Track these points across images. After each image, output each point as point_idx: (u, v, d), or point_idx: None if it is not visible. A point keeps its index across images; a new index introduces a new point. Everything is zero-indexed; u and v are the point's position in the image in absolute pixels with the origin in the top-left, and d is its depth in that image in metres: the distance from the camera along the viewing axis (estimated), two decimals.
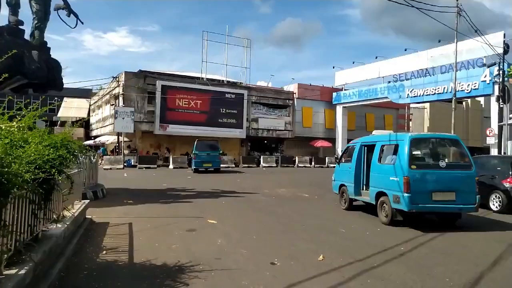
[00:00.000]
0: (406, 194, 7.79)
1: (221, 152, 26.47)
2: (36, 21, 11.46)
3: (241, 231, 7.57)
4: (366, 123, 43.78)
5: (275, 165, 33.66)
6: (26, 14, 11.40)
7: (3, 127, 3.16)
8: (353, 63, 40.43)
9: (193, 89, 34.45)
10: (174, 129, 33.29)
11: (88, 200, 8.66)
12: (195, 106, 34.52)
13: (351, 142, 11.33)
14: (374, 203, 9.03)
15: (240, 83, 38.78)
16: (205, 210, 9.91)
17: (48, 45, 11.73)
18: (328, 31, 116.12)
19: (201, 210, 9.91)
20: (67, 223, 5.66)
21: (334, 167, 13.34)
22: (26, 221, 4.04)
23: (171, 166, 29.35)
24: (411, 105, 40.87)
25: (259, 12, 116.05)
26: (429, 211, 8.31)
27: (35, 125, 4.86)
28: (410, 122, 44.66)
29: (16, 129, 3.52)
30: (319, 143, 39.78)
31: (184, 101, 34.05)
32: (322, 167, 34.59)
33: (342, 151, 12.60)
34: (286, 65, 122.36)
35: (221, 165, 26.42)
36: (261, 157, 34.57)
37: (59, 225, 5.36)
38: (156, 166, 28.97)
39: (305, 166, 34.52)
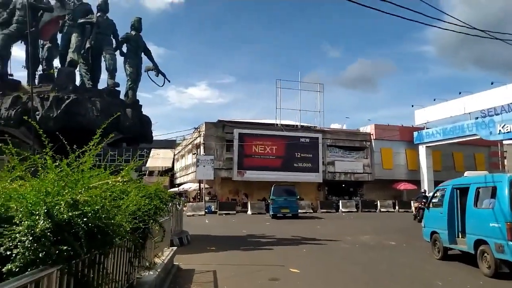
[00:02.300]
0: (511, 243, 6.92)
1: (298, 197, 26.19)
2: (129, 83, 12.83)
3: (326, 282, 7.25)
4: (454, 162, 40.64)
5: (355, 210, 32.30)
6: (121, 76, 12.85)
7: (110, 182, 3.51)
8: (434, 100, 38.25)
9: (268, 135, 35.30)
10: (251, 175, 33.96)
11: (176, 247, 9.02)
12: (271, 151, 35.12)
13: (441, 184, 10.53)
14: (472, 252, 8.12)
15: (314, 127, 38.87)
16: (286, 258, 9.72)
17: (139, 103, 13.01)
18: (403, 69, 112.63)
19: (283, 258, 9.74)
20: (158, 270, 5.92)
21: None
22: (124, 269, 4.32)
23: (249, 212, 29.64)
24: (504, 142, 37.18)
25: (328, 56, 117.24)
26: None
27: (130, 176, 5.30)
28: (505, 160, 40.40)
29: (120, 183, 3.87)
30: (402, 186, 37.54)
31: (260, 147, 34.87)
32: (407, 211, 32.29)
33: (430, 194, 11.72)
34: (360, 106, 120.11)
35: (299, 211, 26.03)
36: (340, 201, 33.47)
37: (151, 272, 5.62)
38: (235, 212, 29.48)
39: (388, 211, 32.56)
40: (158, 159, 46.24)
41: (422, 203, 18.71)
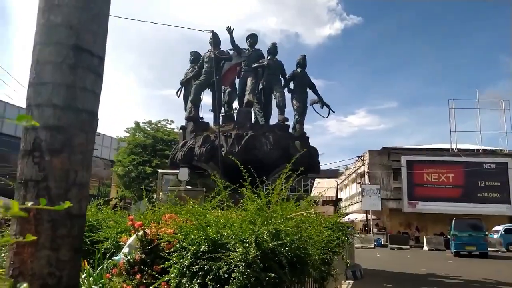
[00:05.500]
0: None
1: (486, 233, 22.55)
2: (297, 116, 13.47)
3: None
4: None
5: None
6: (288, 111, 13.51)
7: (305, 214, 3.66)
8: None
9: (442, 161, 31.99)
10: (424, 206, 31.05)
11: (352, 281, 8.77)
12: (447, 180, 31.56)
13: None
14: None
15: (501, 150, 33.44)
16: None
17: (306, 135, 13.49)
18: None
19: None
20: None
21: None
22: None
23: (425, 248, 26.83)
24: None
25: (509, 70, 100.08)
26: None
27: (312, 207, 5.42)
28: None
29: (313, 214, 4.01)
30: None
31: (433, 176, 31.74)
32: None
33: None
34: None
35: (488, 249, 22.27)
36: None
37: None
38: (408, 247, 27.16)
39: None
40: (322, 188, 46.80)
41: None
